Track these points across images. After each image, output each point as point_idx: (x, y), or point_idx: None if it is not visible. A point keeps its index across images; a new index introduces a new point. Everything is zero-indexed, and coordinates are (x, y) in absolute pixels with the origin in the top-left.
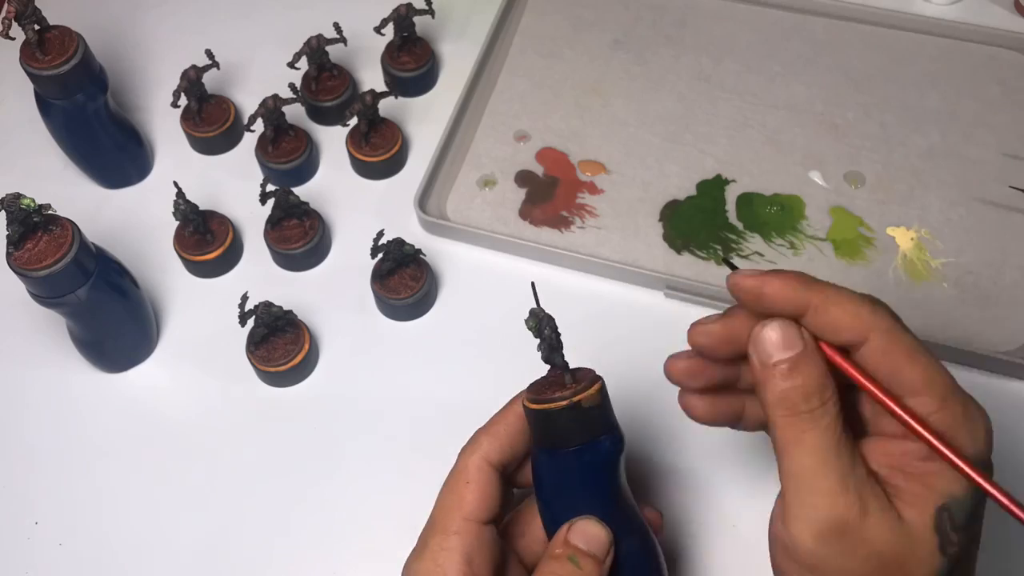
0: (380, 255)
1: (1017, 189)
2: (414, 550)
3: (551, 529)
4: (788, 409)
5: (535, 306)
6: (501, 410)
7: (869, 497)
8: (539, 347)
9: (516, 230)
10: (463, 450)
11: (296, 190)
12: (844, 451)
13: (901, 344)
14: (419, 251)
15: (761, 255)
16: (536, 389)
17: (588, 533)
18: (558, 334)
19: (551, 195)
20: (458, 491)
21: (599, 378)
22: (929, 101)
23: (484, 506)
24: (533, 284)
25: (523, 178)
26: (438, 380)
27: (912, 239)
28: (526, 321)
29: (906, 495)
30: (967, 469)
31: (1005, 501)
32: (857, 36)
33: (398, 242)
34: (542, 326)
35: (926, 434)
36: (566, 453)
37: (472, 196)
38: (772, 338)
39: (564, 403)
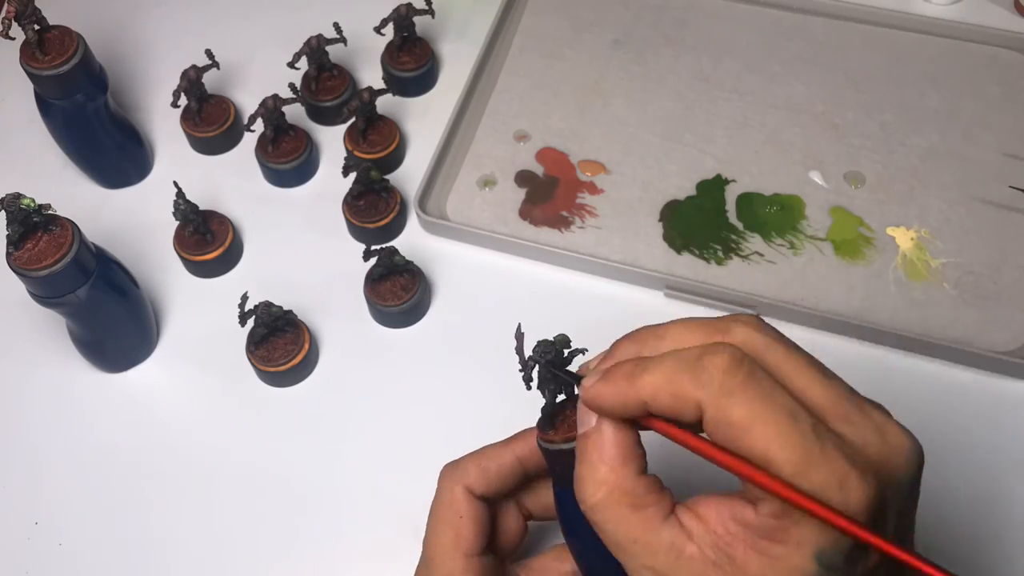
0: (373, 259)
1: (1017, 189)
2: None
3: (581, 565)
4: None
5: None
6: (498, 444)
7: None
8: (543, 385)
9: (516, 230)
10: (448, 473)
11: (296, 190)
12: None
13: (730, 416)
14: (410, 263)
15: (761, 255)
16: (551, 431)
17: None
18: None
19: (551, 195)
20: (453, 526)
21: None
22: (929, 101)
23: (480, 538)
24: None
25: (523, 178)
26: (438, 381)
27: (912, 239)
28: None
29: (738, 570)
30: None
31: (888, 548)
32: (857, 36)
33: (390, 251)
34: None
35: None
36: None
37: (472, 196)
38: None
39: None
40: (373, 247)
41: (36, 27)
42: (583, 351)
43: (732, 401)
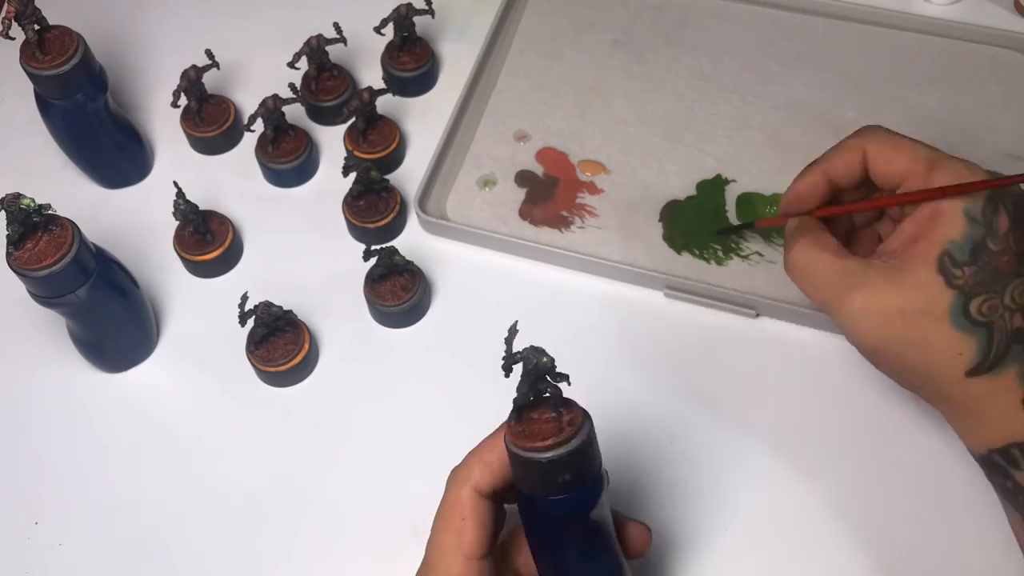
0: (373, 260)
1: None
2: None
3: (535, 558)
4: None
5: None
6: (494, 434)
7: (866, 272)
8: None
9: (516, 230)
10: (454, 477)
11: (296, 190)
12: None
13: (884, 145)
14: (409, 262)
15: (761, 255)
16: (521, 430)
17: None
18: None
19: (551, 195)
20: (455, 528)
21: (585, 422)
22: (929, 101)
23: (483, 541)
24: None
25: (523, 178)
26: (439, 381)
27: None
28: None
29: (911, 258)
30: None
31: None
32: (857, 36)
33: (390, 251)
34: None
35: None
36: (545, 500)
37: (472, 196)
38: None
39: (549, 455)
40: (373, 247)
41: (36, 27)
42: (566, 377)
43: (881, 133)
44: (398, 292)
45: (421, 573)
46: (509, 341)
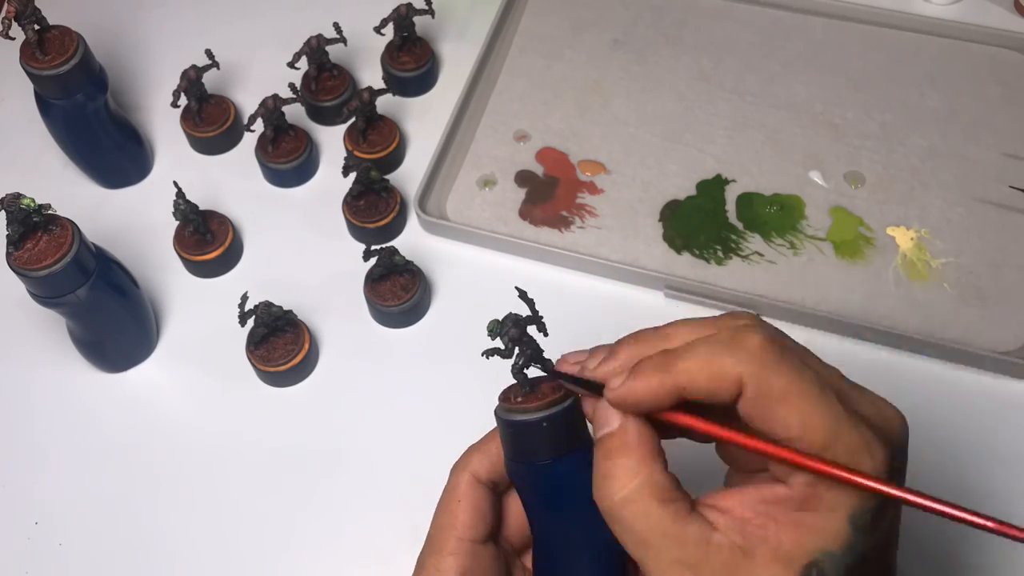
0: (373, 260)
1: (1017, 189)
2: (413, 573)
3: (535, 537)
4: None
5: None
6: (494, 429)
7: (705, 555)
8: (517, 356)
9: (516, 230)
10: (454, 466)
11: (296, 190)
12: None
13: (772, 387)
14: (409, 262)
15: (761, 255)
16: (513, 398)
17: None
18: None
19: (551, 195)
20: (450, 510)
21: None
22: (929, 101)
23: (477, 524)
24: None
25: (523, 178)
26: (439, 381)
27: (912, 239)
28: (502, 327)
29: (766, 554)
30: (867, 483)
31: (920, 501)
32: (857, 36)
33: (390, 251)
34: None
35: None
36: (549, 464)
37: (472, 196)
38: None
39: (553, 410)
40: (373, 247)
41: (36, 27)
42: (541, 323)
43: (773, 373)
44: (398, 292)
45: (420, 553)
46: (493, 337)
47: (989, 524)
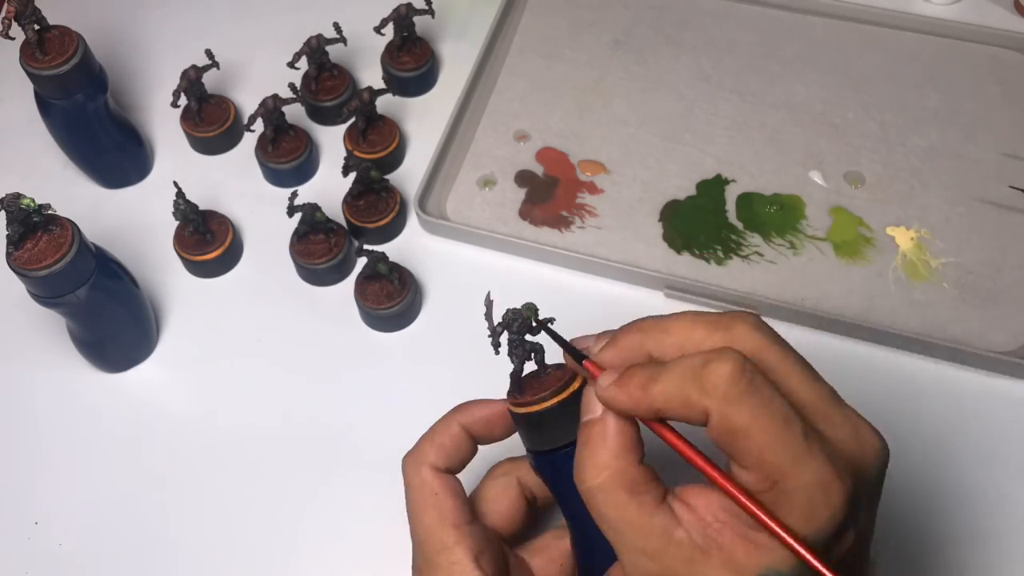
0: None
1: (1017, 189)
2: None
3: (570, 526)
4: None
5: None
6: (442, 419)
7: (667, 546)
8: (515, 352)
9: (516, 230)
10: (409, 461)
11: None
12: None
13: (733, 422)
14: (393, 270)
15: (761, 255)
16: (518, 389)
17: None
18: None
19: (551, 195)
20: (431, 505)
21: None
22: (929, 101)
23: (462, 508)
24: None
25: (523, 178)
26: (437, 382)
27: (912, 239)
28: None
29: (725, 555)
30: (793, 544)
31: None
32: (857, 36)
33: (375, 257)
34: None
35: (750, 505)
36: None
37: (472, 196)
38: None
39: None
40: (366, 247)
41: (36, 27)
42: (552, 320)
43: (734, 409)
44: (388, 296)
45: (417, 567)
46: (489, 316)
47: None
